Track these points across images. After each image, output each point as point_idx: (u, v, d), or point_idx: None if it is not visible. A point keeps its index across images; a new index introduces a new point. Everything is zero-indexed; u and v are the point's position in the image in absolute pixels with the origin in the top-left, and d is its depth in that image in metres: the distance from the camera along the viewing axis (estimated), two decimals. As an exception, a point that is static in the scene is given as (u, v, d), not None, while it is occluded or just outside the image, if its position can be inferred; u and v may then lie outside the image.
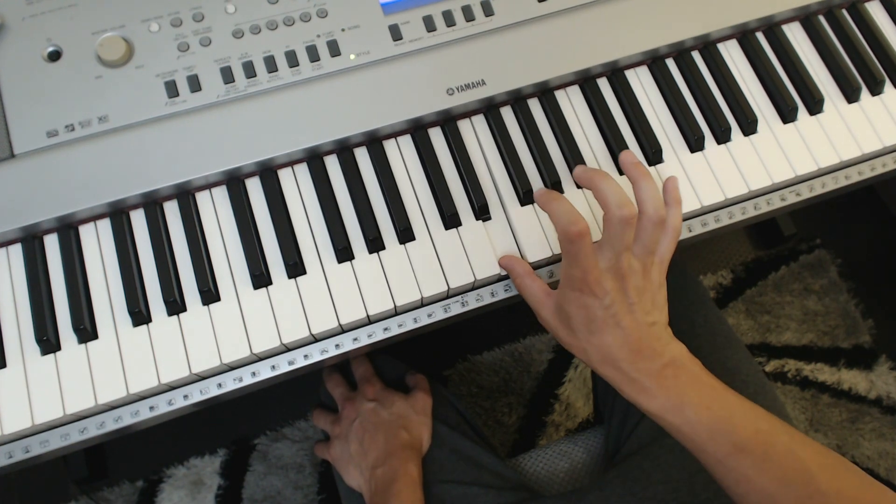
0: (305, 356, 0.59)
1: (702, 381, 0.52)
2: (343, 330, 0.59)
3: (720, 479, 0.50)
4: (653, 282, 0.54)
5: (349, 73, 0.62)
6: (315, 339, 0.59)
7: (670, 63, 0.67)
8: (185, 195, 0.60)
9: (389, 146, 0.63)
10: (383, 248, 0.60)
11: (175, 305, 0.56)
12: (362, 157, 0.62)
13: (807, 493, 0.47)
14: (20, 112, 0.59)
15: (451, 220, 0.60)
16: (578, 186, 0.62)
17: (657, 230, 0.52)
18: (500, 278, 0.61)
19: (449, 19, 0.64)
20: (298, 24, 0.63)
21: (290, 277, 0.58)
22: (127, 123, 0.59)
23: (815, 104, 0.65)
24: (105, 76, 0.60)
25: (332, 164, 0.62)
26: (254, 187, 0.61)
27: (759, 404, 0.51)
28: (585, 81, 0.65)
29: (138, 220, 0.59)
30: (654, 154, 0.63)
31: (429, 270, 0.59)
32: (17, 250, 0.58)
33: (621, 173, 0.63)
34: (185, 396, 0.57)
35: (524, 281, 0.57)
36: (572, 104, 0.65)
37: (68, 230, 0.58)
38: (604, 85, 0.66)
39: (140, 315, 0.56)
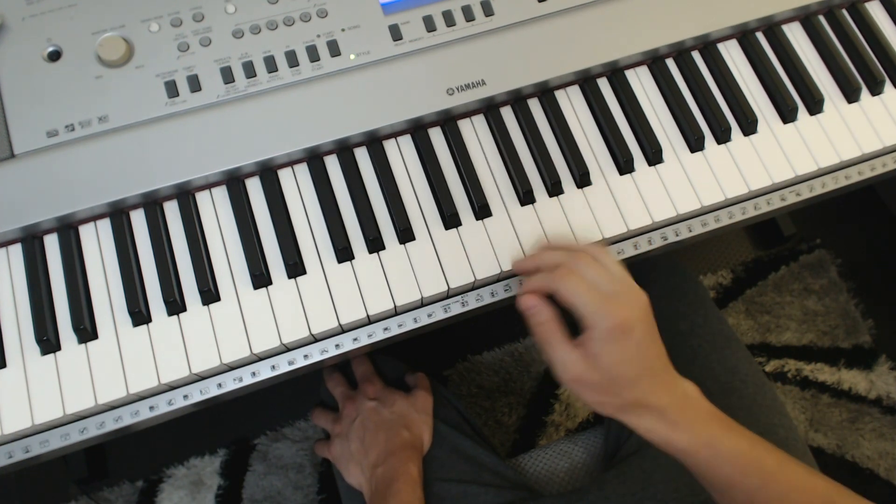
0: (305, 356, 0.59)
1: (717, 415, 0.51)
2: (343, 330, 0.59)
3: None
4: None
5: (349, 73, 0.62)
6: (315, 339, 0.59)
7: (670, 63, 0.67)
8: (185, 195, 0.60)
9: (389, 146, 0.63)
10: (383, 248, 0.60)
11: (175, 305, 0.56)
12: (362, 157, 0.62)
13: None
14: (20, 112, 0.59)
15: (451, 220, 0.60)
16: (578, 187, 0.62)
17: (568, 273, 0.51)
18: (499, 278, 0.61)
19: (449, 19, 0.64)
20: (298, 24, 0.63)
21: (290, 277, 0.58)
22: (127, 123, 0.59)
23: (815, 104, 0.65)
24: (105, 76, 0.60)
25: (332, 164, 0.62)
26: (254, 187, 0.61)
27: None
28: (585, 81, 0.65)
29: (138, 220, 0.59)
30: (654, 154, 0.63)
31: (429, 270, 0.59)
32: (17, 250, 0.58)
33: (621, 173, 0.63)
34: (185, 396, 0.57)
35: (552, 338, 0.51)
36: (572, 104, 0.65)
37: (68, 230, 0.58)
38: (604, 85, 0.66)
39: (140, 315, 0.56)
